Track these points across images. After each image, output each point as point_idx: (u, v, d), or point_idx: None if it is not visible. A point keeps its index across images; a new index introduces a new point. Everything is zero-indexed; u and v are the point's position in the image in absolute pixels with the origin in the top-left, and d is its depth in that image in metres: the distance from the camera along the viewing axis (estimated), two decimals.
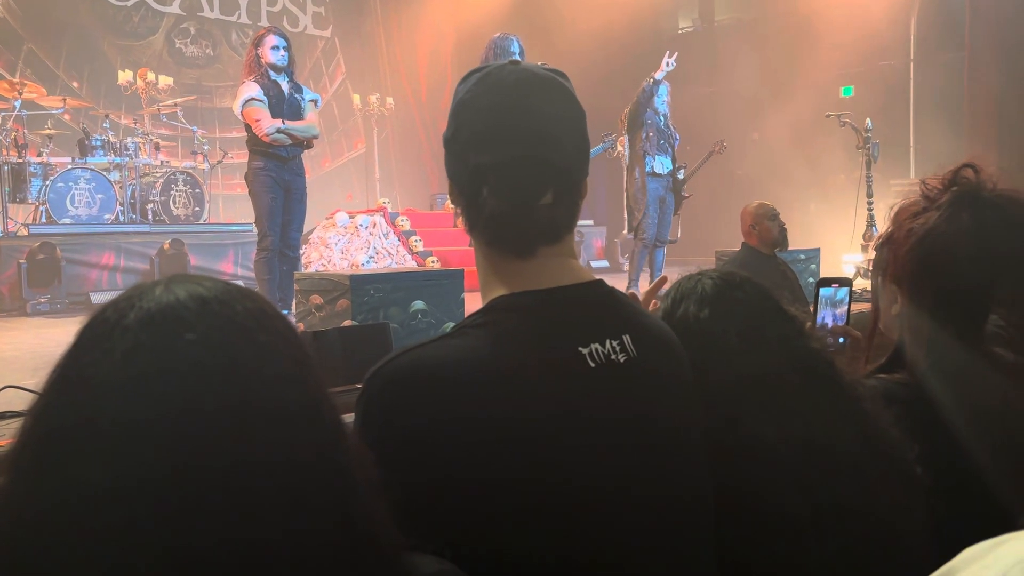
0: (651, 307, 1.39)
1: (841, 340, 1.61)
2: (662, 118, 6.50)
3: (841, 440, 1.12)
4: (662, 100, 6.52)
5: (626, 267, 6.72)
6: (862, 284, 6.23)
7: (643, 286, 6.49)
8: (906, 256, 1.26)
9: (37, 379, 0.67)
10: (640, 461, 0.98)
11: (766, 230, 4.54)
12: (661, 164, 6.48)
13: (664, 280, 1.69)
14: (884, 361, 1.33)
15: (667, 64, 6.32)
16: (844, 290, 1.66)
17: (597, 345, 0.99)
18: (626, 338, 1.02)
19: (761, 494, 1.07)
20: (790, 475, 1.08)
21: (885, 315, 1.35)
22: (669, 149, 6.51)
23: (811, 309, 1.65)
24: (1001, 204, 1.23)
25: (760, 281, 1.28)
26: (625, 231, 7.23)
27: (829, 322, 1.65)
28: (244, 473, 0.62)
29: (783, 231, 4.60)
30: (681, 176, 6.67)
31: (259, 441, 0.64)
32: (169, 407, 0.62)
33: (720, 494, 1.06)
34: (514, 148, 1.01)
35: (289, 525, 0.63)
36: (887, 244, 1.32)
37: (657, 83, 6.36)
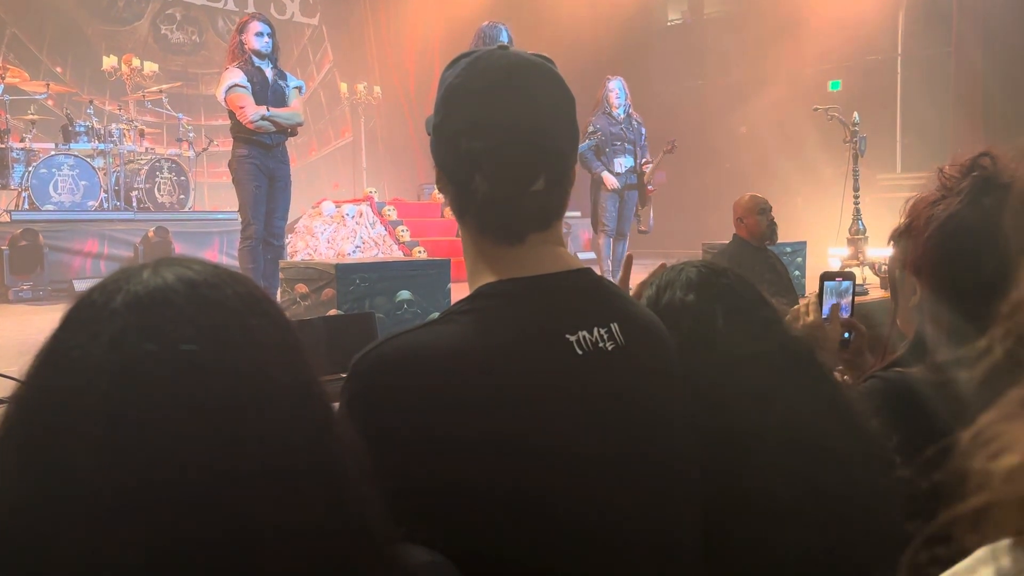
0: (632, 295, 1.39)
1: (847, 335, 1.62)
2: (621, 111, 6.62)
3: (822, 424, 1.14)
4: (620, 99, 6.65)
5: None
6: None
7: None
8: (926, 243, 1.26)
9: (19, 366, 0.65)
10: (627, 448, 0.98)
11: (755, 223, 4.55)
12: (619, 163, 6.63)
13: (630, 259, 1.69)
14: (899, 355, 1.33)
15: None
16: (848, 283, 1.67)
17: (585, 333, 0.99)
18: (614, 326, 1.02)
19: (744, 476, 1.08)
20: (773, 457, 1.09)
21: (903, 308, 1.35)
22: (630, 147, 6.62)
23: (817, 302, 1.66)
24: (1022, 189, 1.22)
25: (745, 273, 1.30)
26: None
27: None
28: (234, 460, 0.61)
29: (772, 225, 4.61)
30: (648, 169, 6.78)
31: (250, 428, 0.63)
32: (157, 392, 0.61)
33: (705, 477, 1.07)
34: (507, 133, 1.01)
35: (280, 513, 0.62)
36: (906, 235, 1.31)
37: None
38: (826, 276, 1.68)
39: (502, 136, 1.01)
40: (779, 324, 1.23)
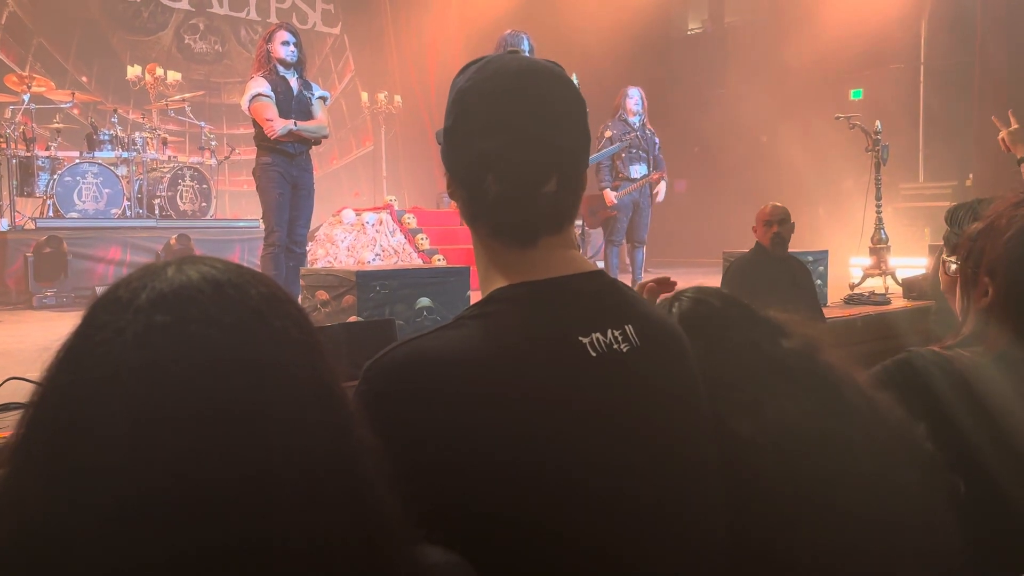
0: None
1: None
2: (637, 119, 6.63)
3: (840, 427, 1.12)
4: (638, 107, 6.66)
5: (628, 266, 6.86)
6: (871, 287, 6.21)
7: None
8: (1006, 244, 1.24)
9: (41, 372, 0.66)
10: (645, 448, 0.98)
11: (785, 230, 4.47)
12: (635, 170, 6.62)
13: (667, 282, 1.67)
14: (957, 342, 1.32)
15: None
16: None
17: (598, 335, 0.98)
18: (629, 328, 1.01)
19: (771, 493, 1.07)
20: (782, 468, 1.08)
21: (972, 311, 1.33)
22: (644, 155, 6.62)
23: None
24: None
25: (762, 285, 1.29)
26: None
27: None
28: (255, 459, 0.61)
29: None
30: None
31: (271, 427, 0.63)
32: (180, 390, 0.61)
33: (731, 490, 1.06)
34: (519, 132, 1.00)
35: (299, 514, 0.62)
36: (984, 235, 1.30)
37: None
38: None
39: (513, 135, 1.00)
40: (769, 342, 1.21)
